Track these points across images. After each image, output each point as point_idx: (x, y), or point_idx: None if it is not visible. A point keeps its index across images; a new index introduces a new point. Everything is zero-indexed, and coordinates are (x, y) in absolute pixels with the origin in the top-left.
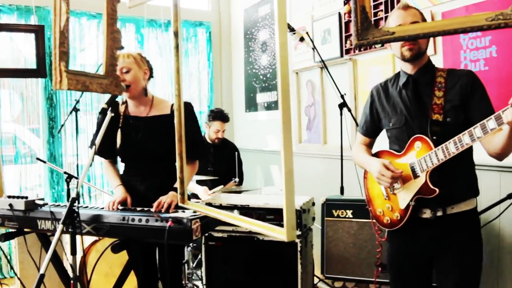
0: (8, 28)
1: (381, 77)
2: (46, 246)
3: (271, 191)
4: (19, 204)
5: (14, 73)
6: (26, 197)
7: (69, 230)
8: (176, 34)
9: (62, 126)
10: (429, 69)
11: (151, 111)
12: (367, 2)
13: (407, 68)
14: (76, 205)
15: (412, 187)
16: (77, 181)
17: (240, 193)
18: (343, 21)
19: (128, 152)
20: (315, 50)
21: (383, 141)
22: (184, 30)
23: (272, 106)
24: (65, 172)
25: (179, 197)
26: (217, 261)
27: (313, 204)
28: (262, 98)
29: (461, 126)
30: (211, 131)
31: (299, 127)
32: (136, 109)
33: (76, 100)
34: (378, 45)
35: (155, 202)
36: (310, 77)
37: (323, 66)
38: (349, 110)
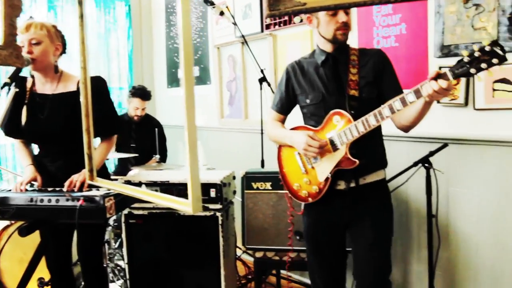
0: None
1: (300, 52)
2: None
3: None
4: None
5: None
6: None
7: None
8: (81, 3)
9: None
10: (345, 48)
11: (57, 88)
12: None
13: (327, 47)
14: None
15: (331, 160)
16: None
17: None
18: None
19: (33, 132)
20: (235, 25)
21: (293, 118)
22: (102, 4)
23: (194, 81)
24: None
25: (88, 174)
26: (138, 239)
27: (234, 178)
28: None
29: (374, 101)
30: (131, 108)
31: (220, 103)
32: (42, 86)
33: None
34: (297, 20)
35: (67, 181)
36: (232, 52)
37: (244, 41)
38: (269, 84)
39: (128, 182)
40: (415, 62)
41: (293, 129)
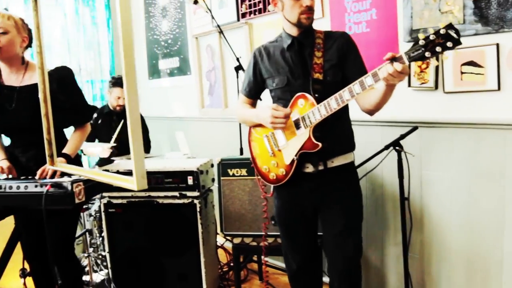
0: None
1: None
2: None
3: (174, 156)
4: None
5: None
6: None
7: None
8: None
9: None
10: (311, 32)
11: (24, 80)
12: None
13: (293, 31)
14: None
15: (296, 142)
16: None
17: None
18: None
19: (1, 124)
20: (210, 14)
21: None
22: None
23: (174, 72)
24: None
25: (48, 159)
26: (119, 228)
27: (212, 165)
28: (164, 64)
29: (339, 84)
30: (112, 98)
31: (201, 93)
32: (8, 77)
33: None
34: (271, 8)
35: (39, 170)
36: (209, 42)
37: (220, 31)
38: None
39: (106, 171)
40: (385, 47)
41: None
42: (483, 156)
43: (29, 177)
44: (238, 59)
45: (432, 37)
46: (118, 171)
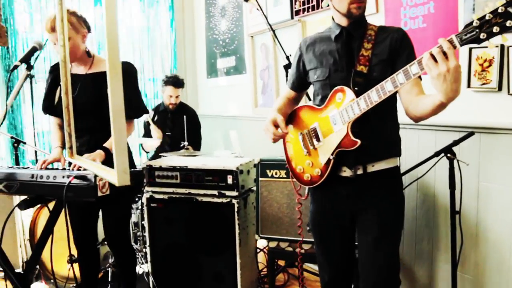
0: None
1: None
2: None
3: (222, 155)
4: None
5: None
6: None
7: None
8: None
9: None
10: (363, 23)
11: (91, 69)
12: None
13: (342, 21)
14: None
15: (333, 140)
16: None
17: (193, 156)
18: None
19: (60, 110)
20: (262, 12)
21: None
22: None
23: (231, 71)
24: (11, 137)
25: (68, 151)
26: (159, 223)
27: (255, 165)
28: (222, 63)
29: None
30: (165, 96)
31: (254, 92)
32: (76, 68)
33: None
34: (325, 5)
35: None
36: (264, 41)
37: (270, 28)
38: None
39: (149, 166)
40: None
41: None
42: None
43: (67, 167)
44: (288, 57)
45: (488, 16)
46: (160, 166)
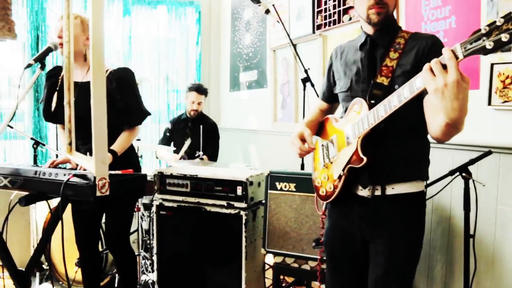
0: None
1: None
2: None
3: (236, 166)
4: None
5: None
6: None
7: None
8: None
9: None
10: (391, 30)
11: (87, 76)
12: None
13: (368, 29)
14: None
15: (345, 155)
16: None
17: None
18: None
19: (60, 116)
20: (282, 24)
21: None
22: (174, 10)
23: (253, 85)
24: (31, 138)
25: (67, 147)
26: (168, 231)
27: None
28: (244, 77)
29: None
30: (187, 102)
31: (274, 106)
32: (74, 71)
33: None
34: (346, 19)
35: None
36: (285, 55)
37: (290, 42)
38: (312, 85)
39: (160, 173)
40: (465, 59)
41: (325, 119)
42: None
43: (72, 167)
44: (306, 71)
45: (499, 22)
46: (171, 174)
